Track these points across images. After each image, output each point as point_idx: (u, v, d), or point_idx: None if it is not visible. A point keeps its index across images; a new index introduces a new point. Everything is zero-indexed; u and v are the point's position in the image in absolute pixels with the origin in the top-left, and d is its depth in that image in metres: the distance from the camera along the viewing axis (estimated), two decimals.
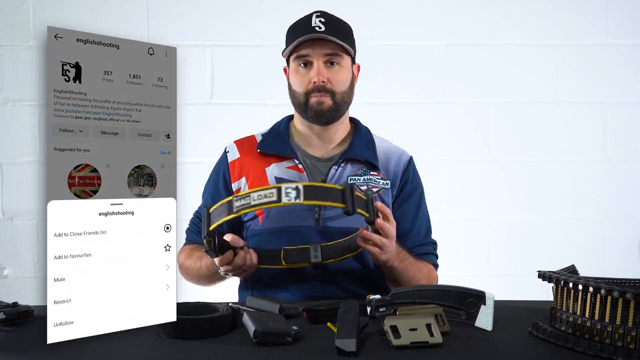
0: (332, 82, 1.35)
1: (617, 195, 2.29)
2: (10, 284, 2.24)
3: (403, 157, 1.47)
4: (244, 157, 1.43)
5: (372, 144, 1.45)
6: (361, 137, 1.46)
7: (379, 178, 1.41)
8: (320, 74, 1.34)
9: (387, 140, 1.51)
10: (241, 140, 1.49)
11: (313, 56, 1.35)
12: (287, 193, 1.03)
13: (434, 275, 1.42)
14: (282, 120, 1.51)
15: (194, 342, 0.92)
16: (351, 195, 1.08)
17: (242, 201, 1.05)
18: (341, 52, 1.36)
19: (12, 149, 2.23)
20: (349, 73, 1.39)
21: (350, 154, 1.42)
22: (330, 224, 1.35)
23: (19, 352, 0.89)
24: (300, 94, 1.38)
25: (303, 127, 1.44)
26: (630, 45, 2.28)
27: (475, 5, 2.28)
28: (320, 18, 1.35)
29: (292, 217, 1.36)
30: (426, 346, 0.87)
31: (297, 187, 1.03)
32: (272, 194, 1.03)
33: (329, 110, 1.36)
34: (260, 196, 1.04)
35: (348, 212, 1.07)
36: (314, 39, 1.33)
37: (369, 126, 1.52)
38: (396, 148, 1.49)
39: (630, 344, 0.82)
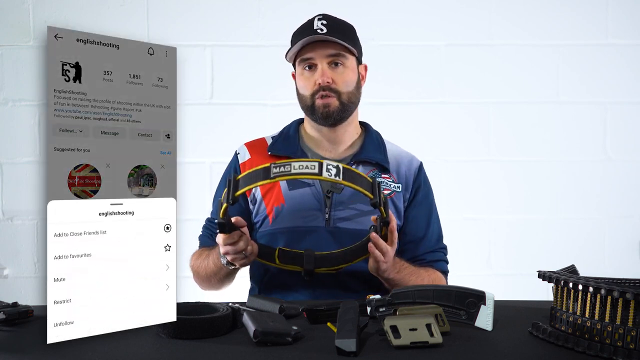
0: (337, 82, 1.36)
1: (617, 195, 2.29)
2: (10, 284, 2.24)
3: (414, 163, 1.47)
4: (255, 158, 1.44)
5: (383, 147, 1.46)
6: (372, 139, 1.46)
7: (390, 181, 1.41)
8: (324, 75, 1.35)
9: (397, 145, 1.51)
10: (252, 142, 1.50)
11: (317, 58, 1.36)
12: (328, 169, 1.04)
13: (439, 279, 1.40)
14: (292, 123, 1.51)
15: (194, 342, 0.92)
16: (379, 189, 1.11)
17: (281, 168, 1.04)
18: (345, 52, 1.37)
19: (12, 149, 2.23)
20: (354, 73, 1.40)
21: (362, 155, 1.42)
22: (341, 224, 1.35)
23: (19, 352, 0.89)
24: (306, 97, 1.38)
25: (313, 130, 1.45)
26: (630, 45, 2.28)
27: (475, 5, 2.28)
28: (323, 20, 1.36)
29: (302, 217, 1.36)
30: (426, 346, 0.87)
31: (337, 165, 1.05)
32: (314, 166, 1.04)
33: (336, 111, 1.37)
34: (302, 166, 1.03)
35: (375, 204, 1.10)
36: (316, 40, 1.34)
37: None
38: (406, 153, 1.50)
39: (630, 344, 0.82)
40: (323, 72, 1.35)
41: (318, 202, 1.37)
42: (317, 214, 1.36)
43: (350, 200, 1.36)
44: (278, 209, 1.37)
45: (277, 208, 1.37)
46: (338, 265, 1.29)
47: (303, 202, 1.36)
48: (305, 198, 1.37)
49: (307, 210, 1.36)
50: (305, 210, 1.36)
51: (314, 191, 1.37)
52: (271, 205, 1.38)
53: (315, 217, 1.36)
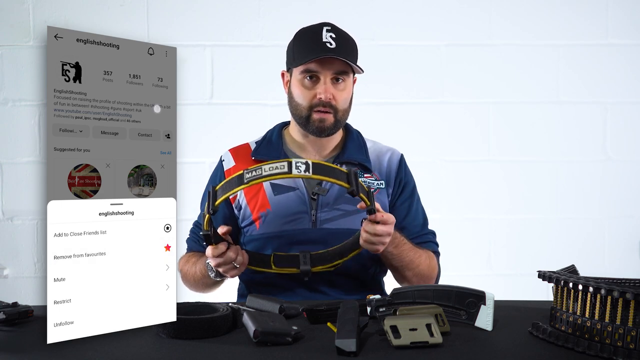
0: (337, 99, 1.36)
1: (617, 195, 2.29)
2: (10, 284, 2.24)
3: (394, 156, 1.49)
4: (239, 164, 1.44)
5: (364, 147, 1.48)
6: (353, 140, 1.48)
7: (372, 179, 1.43)
8: (327, 91, 1.35)
9: (376, 141, 1.53)
10: (236, 148, 1.51)
11: (321, 73, 1.35)
12: (297, 166, 1.07)
13: (434, 263, 1.42)
14: (274, 127, 1.52)
15: (194, 342, 0.92)
16: (355, 179, 1.12)
17: (253, 173, 1.07)
18: (348, 70, 1.37)
19: (12, 149, 2.23)
20: (350, 91, 1.41)
21: (344, 157, 1.43)
22: (327, 225, 1.36)
23: (19, 352, 0.89)
24: (303, 107, 1.38)
25: (299, 135, 1.46)
26: (630, 45, 2.28)
27: (475, 5, 2.28)
28: (331, 33, 1.34)
29: (288, 221, 1.37)
30: (426, 346, 0.87)
31: (306, 162, 1.08)
32: (283, 166, 1.07)
33: (330, 127, 1.38)
34: (272, 168, 1.06)
35: (352, 193, 1.11)
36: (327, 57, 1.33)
37: (369, 126, 1.52)
38: (386, 148, 1.51)
39: (630, 344, 0.82)
40: (326, 89, 1.35)
41: (304, 205, 1.38)
42: (304, 217, 1.37)
43: (335, 202, 1.38)
44: (264, 214, 1.38)
45: (263, 213, 1.38)
46: (334, 262, 1.29)
47: (289, 206, 1.37)
48: (291, 202, 1.38)
49: (293, 214, 1.37)
50: (292, 214, 1.37)
51: (299, 194, 1.38)
52: (257, 211, 1.39)
53: (301, 219, 1.37)
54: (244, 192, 1.41)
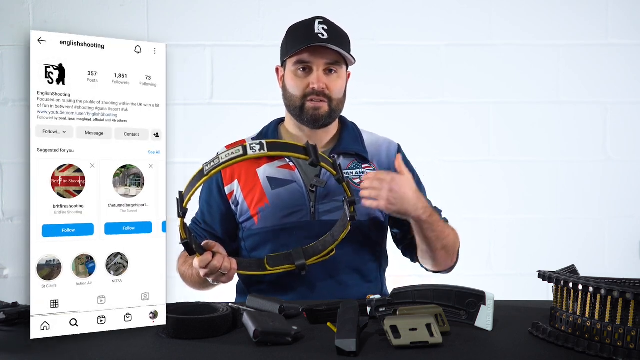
0: (330, 89, 1.37)
1: (617, 195, 2.29)
2: (10, 284, 2.24)
3: (392, 147, 1.50)
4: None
5: (360, 137, 1.48)
6: (349, 131, 1.48)
7: (371, 169, 1.43)
8: (320, 80, 1.36)
9: (373, 132, 1.53)
10: (232, 145, 1.50)
11: (314, 63, 1.36)
12: (252, 147, 1.09)
13: (456, 233, 1.43)
14: (270, 123, 1.52)
15: (194, 342, 0.92)
16: (314, 151, 1.14)
17: (211, 163, 1.10)
18: (340, 60, 1.38)
19: (12, 149, 2.23)
20: (344, 81, 1.42)
21: (340, 148, 1.43)
22: (327, 217, 1.36)
23: (19, 352, 0.89)
24: (297, 98, 1.39)
25: (295, 129, 1.46)
26: (630, 45, 2.28)
27: (475, 5, 2.28)
28: (323, 25, 1.36)
29: (288, 214, 1.37)
30: (426, 346, 0.87)
31: (260, 142, 1.11)
32: (239, 150, 1.09)
33: (325, 116, 1.38)
34: (228, 154, 1.09)
35: (313, 163, 1.13)
36: (319, 46, 1.34)
37: (369, 126, 1.52)
38: (383, 139, 1.52)
39: (630, 344, 0.82)
40: (319, 78, 1.36)
41: (302, 198, 1.38)
42: (303, 209, 1.37)
43: (334, 193, 1.38)
44: (262, 209, 1.38)
45: (262, 208, 1.38)
46: (327, 249, 1.29)
47: (287, 199, 1.37)
48: (289, 195, 1.38)
49: (292, 207, 1.37)
50: (291, 207, 1.37)
51: (297, 187, 1.38)
52: (255, 206, 1.39)
53: (300, 212, 1.37)
54: (241, 187, 1.40)
